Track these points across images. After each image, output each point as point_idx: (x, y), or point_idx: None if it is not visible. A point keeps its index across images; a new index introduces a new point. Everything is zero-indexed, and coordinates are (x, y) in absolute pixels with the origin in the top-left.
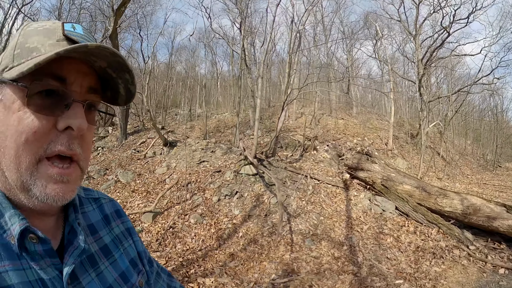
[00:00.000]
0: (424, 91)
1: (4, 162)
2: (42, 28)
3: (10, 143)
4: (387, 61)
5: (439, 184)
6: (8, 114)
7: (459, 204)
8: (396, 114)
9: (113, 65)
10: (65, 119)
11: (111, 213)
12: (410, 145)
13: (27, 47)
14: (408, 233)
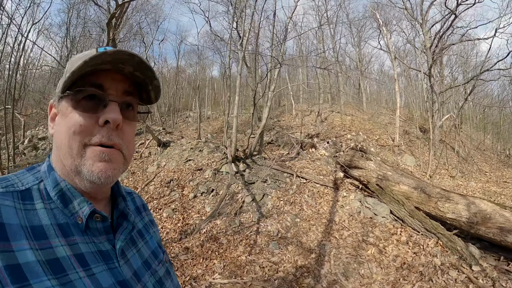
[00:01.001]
0: (434, 82)
1: (61, 154)
2: (82, 55)
3: (64, 137)
4: (390, 49)
5: (452, 183)
6: (63, 118)
7: (465, 210)
8: (408, 108)
9: (137, 67)
10: (103, 115)
11: (141, 205)
12: (421, 141)
13: (72, 70)
14: (398, 243)
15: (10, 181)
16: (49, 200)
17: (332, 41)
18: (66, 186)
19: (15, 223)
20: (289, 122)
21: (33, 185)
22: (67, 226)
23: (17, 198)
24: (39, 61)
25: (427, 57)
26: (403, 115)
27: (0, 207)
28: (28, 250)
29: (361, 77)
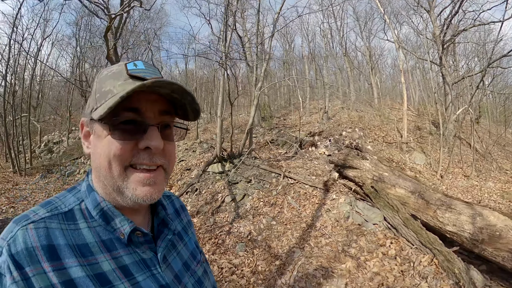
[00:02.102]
0: (447, 72)
1: (102, 175)
2: (111, 73)
3: (103, 159)
4: (395, 39)
5: (466, 183)
6: (99, 140)
7: (468, 223)
8: (423, 102)
9: (175, 91)
10: (144, 141)
11: (179, 207)
12: (434, 136)
13: (103, 91)
14: (384, 257)
15: (53, 204)
16: (91, 219)
17: (339, 35)
18: (106, 206)
19: (63, 243)
20: (295, 121)
21: (75, 206)
22: (110, 241)
23: (62, 219)
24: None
25: (437, 45)
26: (416, 110)
27: (49, 230)
28: (77, 266)
29: (372, 71)
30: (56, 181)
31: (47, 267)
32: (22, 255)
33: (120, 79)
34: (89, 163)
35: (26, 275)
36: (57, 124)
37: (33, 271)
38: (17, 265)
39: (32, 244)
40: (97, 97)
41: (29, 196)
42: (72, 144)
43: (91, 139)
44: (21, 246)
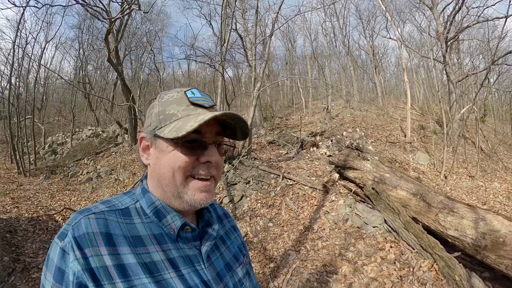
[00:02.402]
0: (451, 70)
1: (163, 183)
2: (173, 99)
3: (167, 170)
4: (396, 36)
5: (470, 184)
6: (163, 154)
7: (471, 228)
8: (427, 101)
9: (231, 118)
10: (205, 156)
11: (222, 215)
12: (438, 136)
13: (168, 114)
14: (383, 262)
15: (112, 203)
16: (145, 216)
17: (342, 34)
18: (160, 204)
19: (119, 233)
20: (297, 121)
21: (130, 204)
22: (161, 236)
23: (119, 214)
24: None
25: (441, 43)
26: (421, 109)
27: (107, 221)
28: (130, 254)
29: (375, 70)
30: (60, 181)
31: (104, 250)
32: (83, 238)
33: (182, 105)
34: (93, 164)
35: (85, 255)
36: (61, 126)
37: (91, 252)
38: (78, 246)
39: (93, 230)
40: (161, 118)
41: (33, 197)
42: (76, 146)
43: (151, 152)
44: (83, 230)
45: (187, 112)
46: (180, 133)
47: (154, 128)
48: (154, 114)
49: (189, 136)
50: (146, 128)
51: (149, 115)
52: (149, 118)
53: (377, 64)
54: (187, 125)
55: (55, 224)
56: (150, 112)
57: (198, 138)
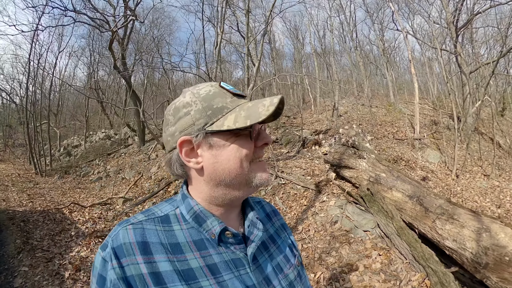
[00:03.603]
0: (463, 61)
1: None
2: (213, 93)
3: (234, 162)
4: (404, 28)
5: (485, 184)
6: (222, 149)
7: (472, 240)
8: (439, 95)
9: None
10: (261, 140)
11: (270, 212)
12: (452, 131)
13: (216, 108)
14: (365, 270)
15: (151, 211)
16: (185, 222)
17: (349, 28)
18: (199, 209)
19: (156, 241)
20: (305, 119)
21: (170, 211)
22: (201, 241)
23: (157, 222)
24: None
25: (451, 32)
26: (433, 103)
27: (144, 230)
28: (166, 261)
29: (386, 65)
30: (72, 181)
31: (140, 259)
32: (121, 248)
33: (226, 97)
34: (103, 165)
35: (121, 264)
36: (76, 129)
37: (127, 261)
38: (116, 255)
39: (130, 240)
40: (210, 114)
41: (46, 194)
42: (89, 148)
43: (201, 153)
44: (120, 241)
45: (236, 103)
46: (255, 120)
47: (204, 125)
48: (195, 112)
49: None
50: (185, 130)
51: (181, 116)
52: (183, 120)
53: (388, 59)
54: (259, 112)
55: (62, 216)
56: (181, 113)
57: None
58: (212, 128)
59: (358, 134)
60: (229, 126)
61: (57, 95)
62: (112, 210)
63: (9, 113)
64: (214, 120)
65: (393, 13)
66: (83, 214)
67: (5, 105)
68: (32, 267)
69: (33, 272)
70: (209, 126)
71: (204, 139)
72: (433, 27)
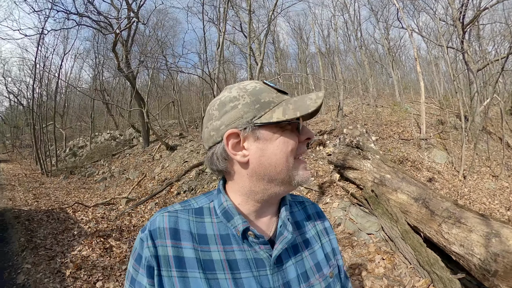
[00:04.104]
0: (470, 58)
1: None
2: (259, 88)
3: (281, 156)
4: (409, 26)
5: (493, 185)
6: (270, 142)
7: (480, 245)
8: (446, 94)
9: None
10: (304, 135)
11: (313, 214)
12: (459, 131)
13: (263, 101)
14: (367, 275)
15: (188, 203)
16: (216, 216)
17: (353, 27)
18: (228, 206)
19: (186, 230)
20: (309, 120)
21: (205, 204)
22: (227, 236)
23: (191, 213)
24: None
25: (457, 29)
26: (439, 102)
27: (178, 218)
28: (191, 249)
29: (392, 64)
30: (77, 181)
31: (169, 242)
32: (156, 231)
33: (271, 93)
34: (108, 165)
35: (154, 244)
36: (82, 130)
37: (159, 242)
38: (151, 237)
39: (163, 226)
40: (258, 107)
41: (51, 194)
42: (94, 148)
43: (248, 146)
44: (156, 225)
45: (281, 98)
46: (305, 111)
47: (252, 118)
48: (243, 105)
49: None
50: (233, 123)
51: (227, 110)
52: (230, 113)
53: (394, 58)
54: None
55: (65, 215)
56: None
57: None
58: (261, 120)
59: (363, 134)
60: (278, 118)
61: (63, 97)
62: (115, 210)
63: (16, 114)
64: (262, 113)
65: (397, 10)
66: (87, 214)
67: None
68: (35, 265)
69: (35, 269)
70: (258, 119)
71: (252, 132)
72: (439, 24)
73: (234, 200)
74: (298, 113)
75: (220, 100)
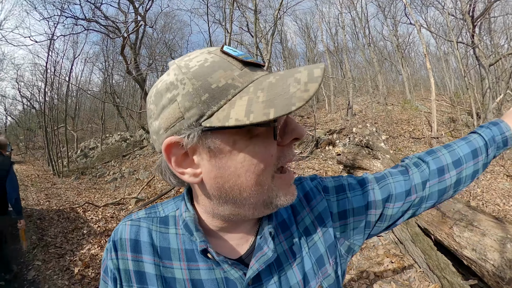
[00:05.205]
0: (481, 53)
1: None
2: (210, 64)
3: (249, 177)
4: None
5: (508, 185)
6: (231, 156)
7: (494, 250)
8: (457, 91)
9: None
10: (288, 134)
11: (300, 201)
12: (471, 128)
13: (216, 88)
14: (375, 279)
15: (154, 209)
16: (181, 227)
17: (361, 24)
18: (187, 218)
19: (147, 242)
20: (318, 119)
21: (171, 212)
22: (192, 252)
23: (156, 222)
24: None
25: (467, 23)
26: (450, 99)
27: (140, 228)
28: (151, 264)
29: (401, 61)
30: (88, 181)
31: (129, 255)
32: (117, 242)
33: (233, 69)
34: (119, 166)
35: (116, 256)
36: (93, 132)
37: (120, 255)
38: (114, 248)
39: (124, 236)
40: (206, 99)
41: (63, 194)
42: (105, 149)
43: (198, 162)
44: (118, 236)
45: (248, 78)
46: (285, 109)
47: (197, 119)
48: (183, 97)
49: None
50: (172, 127)
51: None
52: (167, 110)
53: (403, 54)
54: (290, 93)
55: (75, 215)
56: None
57: None
58: (211, 122)
59: (373, 133)
60: (238, 120)
61: (74, 100)
62: (124, 210)
63: (29, 117)
64: (214, 108)
65: (405, 6)
66: (97, 214)
67: (26, 110)
68: (45, 262)
69: (45, 266)
70: (206, 120)
71: (201, 140)
72: (448, 18)
73: (199, 211)
74: (272, 111)
75: (156, 88)
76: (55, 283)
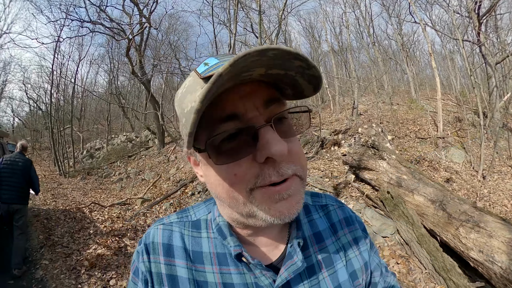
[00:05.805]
0: (487, 51)
1: (225, 202)
2: (186, 87)
3: (220, 190)
4: (422, 20)
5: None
6: (208, 169)
7: (501, 252)
8: (463, 90)
9: (271, 64)
10: (260, 151)
11: (339, 221)
12: (478, 128)
13: (186, 112)
14: None
15: (186, 213)
16: (212, 231)
17: (365, 23)
18: (220, 223)
19: (180, 246)
20: (323, 119)
21: (203, 216)
22: (224, 256)
23: (188, 226)
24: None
25: (473, 21)
26: (456, 98)
27: (172, 232)
28: (184, 268)
29: (406, 60)
30: (94, 182)
31: (162, 259)
32: (150, 246)
33: (196, 89)
34: (124, 166)
35: (149, 259)
36: (98, 133)
37: (152, 258)
38: (146, 251)
39: (157, 240)
40: (184, 123)
41: (69, 194)
42: (110, 150)
43: (202, 168)
44: (150, 239)
45: None
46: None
47: (186, 143)
48: (181, 116)
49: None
50: None
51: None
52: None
53: (408, 53)
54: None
55: (82, 215)
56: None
57: (237, 128)
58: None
59: (378, 133)
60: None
61: (80, 101)
62: (130, 210)
63: (36, 119)
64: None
65: (409, 4)
66: (103, 214)
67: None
68: (52, 261)
69: (52, 265)
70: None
71: (194, 152)
72: (453, 16)
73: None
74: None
75: (177, 97)
76: (62, 282)
